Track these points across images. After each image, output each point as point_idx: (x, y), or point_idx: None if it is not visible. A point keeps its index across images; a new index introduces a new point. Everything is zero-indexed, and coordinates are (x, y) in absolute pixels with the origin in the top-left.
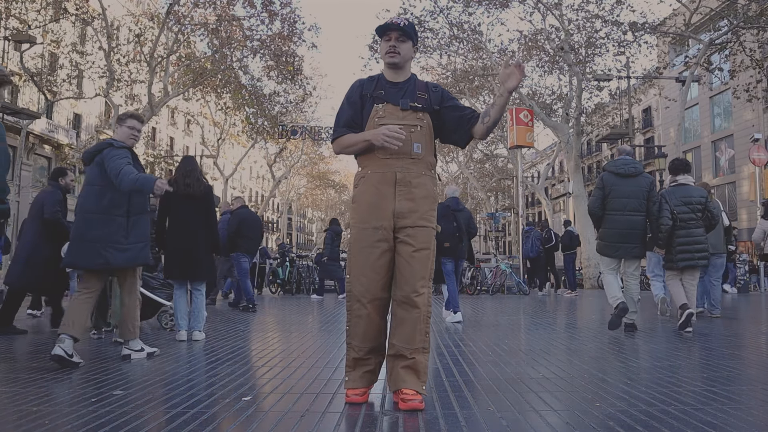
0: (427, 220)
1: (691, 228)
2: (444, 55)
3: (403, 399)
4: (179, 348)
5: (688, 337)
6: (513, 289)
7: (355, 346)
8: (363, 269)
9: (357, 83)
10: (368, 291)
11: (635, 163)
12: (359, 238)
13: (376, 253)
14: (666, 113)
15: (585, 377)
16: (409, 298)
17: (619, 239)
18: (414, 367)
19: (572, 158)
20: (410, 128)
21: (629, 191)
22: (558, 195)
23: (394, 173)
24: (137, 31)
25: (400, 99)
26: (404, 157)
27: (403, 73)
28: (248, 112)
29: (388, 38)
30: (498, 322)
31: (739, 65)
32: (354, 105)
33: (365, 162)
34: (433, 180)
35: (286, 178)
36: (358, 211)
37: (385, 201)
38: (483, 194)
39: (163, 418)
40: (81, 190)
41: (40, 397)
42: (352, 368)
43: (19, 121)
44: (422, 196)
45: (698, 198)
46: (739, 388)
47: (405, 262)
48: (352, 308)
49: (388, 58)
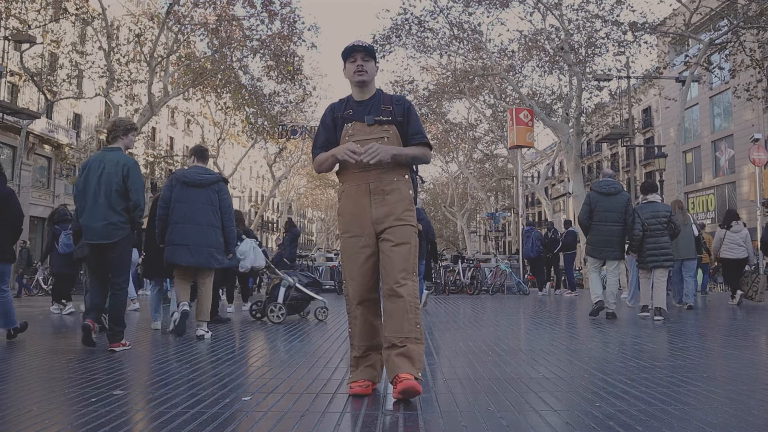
0: (403, 220)
1: (658, 236)
2: (444, 55)
3: (398, 381)
4: (179, 348)
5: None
6: (513, 289)
7: (355, 346)
8: (351, 274)
9: (329, 107)
10: (357, 293)
11: (615, 184)
12: (346, 247)
13: (360, 259)
14: (666, 113)
15: (585, 377)
16: (392, 289)
17: (602, 244)
18: (407, 354)
19: (572, 158)
20: (377, 141)
21: (610, 206)
22: (558, 195)
23: (368, 184)
24: (137, 31)
25: (365, 115)
26: (374, 169)
27: (368, 91)
28: (248, 112)
29: (353, 60)
30: (498, 322)
31: (739, 65)
32: (327, 128)
33: (344, 177)
34: (407, 184)
35: (286, 178)
36: (342, 222)
37: (363, 210)
38: (483, 194)
39: (163, 418)
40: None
41: (40, 397)
42: (355, 366)
43: (19, 121)
44: (396, 200)
45: (664, 212)
46: (739, 388)
47: (386, 257)
48: (349, 310)
49: (357, 77)
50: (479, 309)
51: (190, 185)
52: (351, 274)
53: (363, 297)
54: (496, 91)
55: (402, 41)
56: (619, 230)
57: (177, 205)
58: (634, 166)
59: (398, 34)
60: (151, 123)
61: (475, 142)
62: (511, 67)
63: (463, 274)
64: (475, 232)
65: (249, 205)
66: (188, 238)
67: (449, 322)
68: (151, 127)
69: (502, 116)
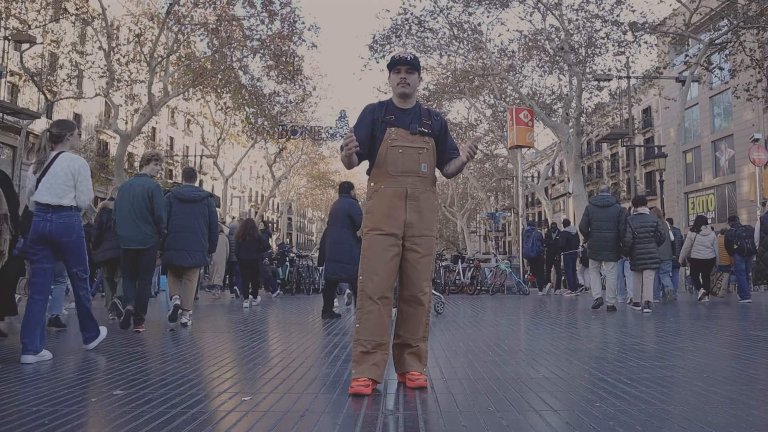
0: (430, 230)
1: (645, 243)
2: (444, 55)
3: (410, 379)
4: (179, 348)
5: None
6: (513, 289)
7: (363, 341)
8: (376, 269)
9: (368, 108)
10: (379, 289)
11: (609, 198)
12: (373, 243)
13: (388, 256)
14: (666, 113)
15: (585, 377)
16: (416, 297)
17: (599, 248)
18: (417, 354)
19: (572, 158)
20: (418, 150)
21: (604, 217)
22: (558, 195)
23: (405, 189)
24: (137, 31)
25: (409, 124)
26: (413, 175)
27: (410, 101)
28: (248, 112)
29: (398, 71)
30: (498, 322)
31: (739, 65)
32: (366, 126)
33: (378, 177)
34: (435, 195)
35: (286, 178)
36: (372, 219)
37: (397, 212)
38: (483, 194)
39: (163, 418)
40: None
41: (40, 397)
42: (359, 362)
43: (19, 121)
44: (428, 209)
45: (651, 223)
46: (739, 388)
47: (412, 267)
48: (364, 306)
49: (400, 88)
50: (479, 309)
51: (185, 201)
52: (375, 269)
53: (383, 293)
54: (496, 91)
55: (402, 41)
56: (613, 236)
57: (174, 218)
58: (634, 166)
59: (398, 34)
60: (151, 123)
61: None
62: (511, 67)
63: (463, 274)
64: (475, 232)
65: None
66: (188, 244)
67: (449, 322)
68: (151, 127)
69: (502, 116)
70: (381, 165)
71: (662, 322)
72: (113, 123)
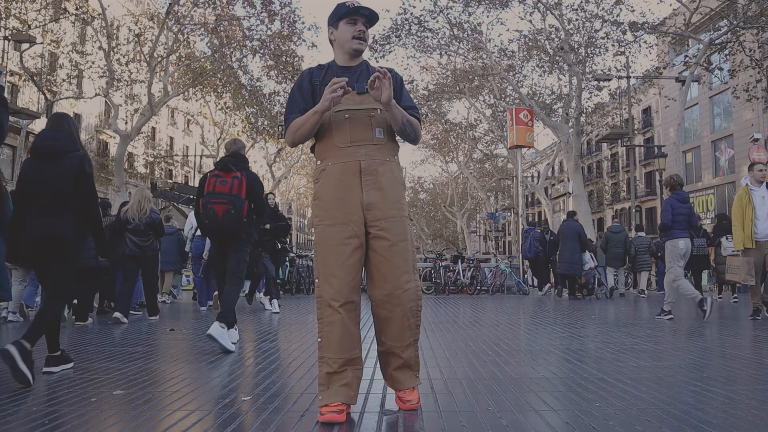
0: (398, 209)
1: (642, 254)
2: (444, 54)
3: (401, 398)
4: (179, 348)
5: (693, 333)
6: (513, 289)
7: (328, 359)
8: (333, 269)
9: (306, 72)
10: (340, 293)
11: (620, 227)
12: (326, 237)
13: (347, 251)
14: (666, 113)
15: (585, 377)
16: (391, 296)
17: (613, 258)
18: (407, 364)
19: (572, 158)
20: (369, 112)
21: (617, 240)
22: (558, 195)
23: (358, 162)
24: (137, 30)
25: (355, 83)
26: (366, 144)
27: (357, 59)
28: (248, 112)
29: (353, 21)
30: (498, 322)
31: (739, 65)
32: (305, 92)
33: (324, 153)
34: (398, 166)
35: (286, 177)
36: (322, 207)
37: (351, 193)
38: (483, 194)
39: (163, 418)
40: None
41: (40, 397)
42: (326, 386)
43: (19, 121)
44: (391, 184)
45: (647, 242)
46: (739, 388)
47: (382, 258)
48: (324, 315)
49: (356, 43)
50: (479, 309)
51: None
52: (331, 270)
53: (346, 298)
54: (496, 91)
55: (402, 41)
56: (621, 252)
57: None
58: (633, 166)
59: (398, 34)
60: (151, 123)
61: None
62: (511, 67)
63: (463, 274)
64: (475, 232)
65: None
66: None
67: (449, 322)
68: (151, 127)
69: (502, 116)
70: (325, 137)
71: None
72: (113, 123)
